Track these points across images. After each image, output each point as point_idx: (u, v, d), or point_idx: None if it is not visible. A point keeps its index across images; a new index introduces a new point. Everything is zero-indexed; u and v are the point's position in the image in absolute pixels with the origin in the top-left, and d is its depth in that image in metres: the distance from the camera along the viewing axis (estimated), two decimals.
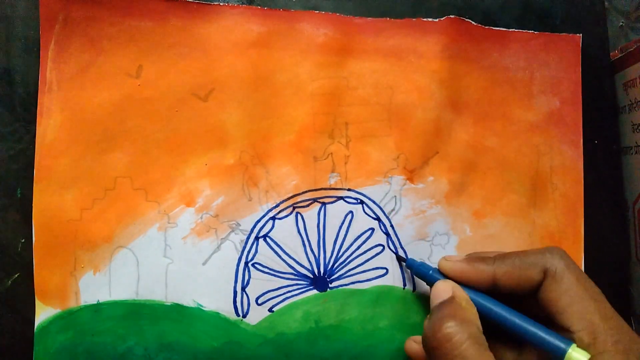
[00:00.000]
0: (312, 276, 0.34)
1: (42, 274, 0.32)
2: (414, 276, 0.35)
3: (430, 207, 0.36)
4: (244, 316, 0.34)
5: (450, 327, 0.25)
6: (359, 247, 0.35)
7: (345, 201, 0.35)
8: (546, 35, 0.37)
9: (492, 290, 0.29)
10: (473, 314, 0.27)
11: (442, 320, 0.26)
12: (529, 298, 0.28)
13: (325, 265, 0.35)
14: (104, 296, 0.33)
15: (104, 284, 0.33)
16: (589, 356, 0.24)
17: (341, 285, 0.35)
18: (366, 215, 0.35)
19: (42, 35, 0.33)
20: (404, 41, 0.36)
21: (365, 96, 0.35)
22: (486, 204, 0.36)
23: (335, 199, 0.35)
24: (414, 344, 0.32)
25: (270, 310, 0.34)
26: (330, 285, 0.35)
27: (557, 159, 0.37)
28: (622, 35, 0.43)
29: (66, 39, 0.33)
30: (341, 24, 0.35)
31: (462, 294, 0.28)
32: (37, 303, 0.32)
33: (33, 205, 0.32)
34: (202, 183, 0.34)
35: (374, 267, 0.35)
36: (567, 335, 0.25)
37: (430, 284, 0.30)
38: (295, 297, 0.34)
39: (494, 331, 0.28)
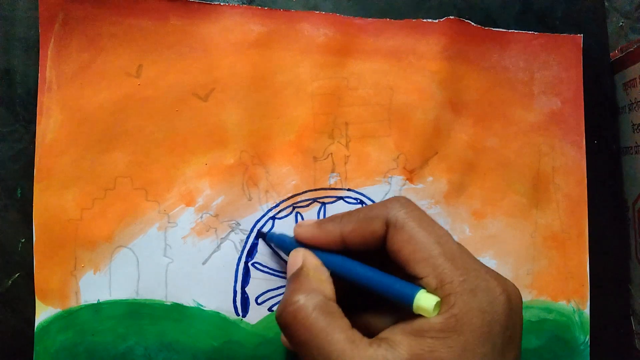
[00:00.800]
0: None
1: (43, 273, 0.32)
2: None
3: (430, 208, 0.36)
4: (244, 316, 0.34)
5: (297, 301, 0.25)
6: None
7: (345, 201, 0.35)
8: (547, 36, 0.37)
9: (345, 249, 0.28)
10: (321, 282, 0.26)
11: (289, 296, 0.25)
12: (381, 254, 0.27)
13: None
14: (104, 296, 0.33)
15: (104, 283, 0.33)
16: (436, 299, 0.23)
17: None
18: None
19: (41, 34, 0.33)
20: (404, 42, 0.36)
21: (365, 96, 0.35)
22: (486, 205, 0.36)
23: (335, 199, 0.35)
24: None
25: (270, 309, 0.34)
26: None
27: (560, 160, 0.37)
28: (622, 35, 0.43)
29: (66, 39, 0.33)
30: (341, 25, 0.35)
31: (312, 261, 0.28)
32: (37, 303, 0.32)
33: (33, 205, 0.32)
34: (202, 183, 0.34)
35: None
36: (417, 282, 0.25)
37: (287, 253, 0.30)
38: None
39: (370, 299, 0.28)
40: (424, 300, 0.23)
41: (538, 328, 0.37)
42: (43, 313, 0.32)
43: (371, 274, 0.26)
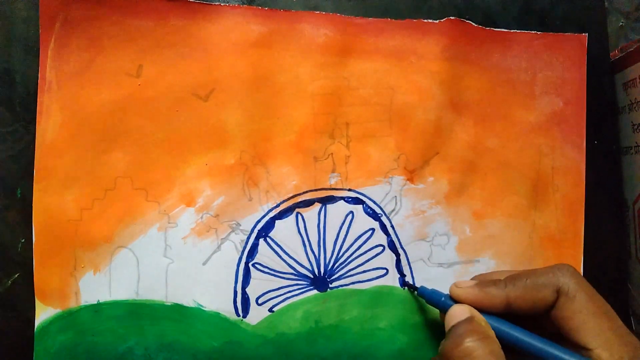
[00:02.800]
0: (312, 276, 0.35)
1: (42, 274, 0.32)
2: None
3: (430, 208, 0.36)
4: (244, 316, 0.34)
5: (471, 342, 0.25)
6: (359, 247, 0.35)
7: (346, 201, 0.35)
8: (550, 36, 0.37)
9: (506, 312, 0.29)
10: (492, 333, 0.27)
11: (462, 337, 0.26)
12: (541, 317, 0.28)
13: (326, 266, 0.35)
14: (104, 296, 0.33)
15: (104, 284, 0.33)
16: None
17: (341, 286, 0.35)
18: (366, 216, 0.35)
19: (41, 34, 0.33)
20: (405, 42, 0.36)
21: (365, 96, 0.35)
22: (486, 205, 0.36)
23: (335, 199, 0.35)
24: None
25: (270, 310, 0.34)
26: (330, 286, 0.35)
27: (559, 160, 0.37)
28: (622, 35, 0.43)
29: (66, 39, 0.33)
30: (342, 25, 0.35)
31: (479, 315, 0.28)
32: (37, 303, 0.32)
33: (33, 205, 0.32)
34: (202, 183, 0.34)
35: (374, 267, 0.35)
36: (584, 353, 0.26)
37: (444, 310, 0.30)
38: (295, 297, 0.34)
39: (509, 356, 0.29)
40: None
41: None
42: (43, 313, 0.32)
43: (539, 342, 0.27)
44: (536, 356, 0.27)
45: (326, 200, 0.35)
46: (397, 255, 0.35)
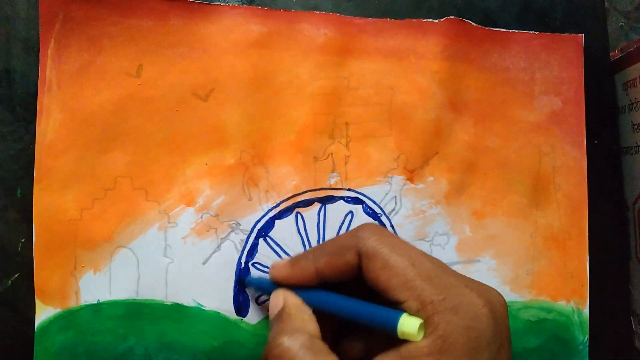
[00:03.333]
0: None
1: (42, 273, 0.32)
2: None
3: (430, 208, 0.36)
4: (244, 316, 0.34)
5: (281, 344, 0.25)
6: None
7: (346, 201, 0.35)
8: (548, 36, 0.37)
9: (322, 283, 0.28)
10: (304, 321, 0.27)
11: (274, 338, 0.25)
12: (358, 283, 0.27)
13: None
14: (104, 296, 0.33)
15: (104, 283, 0.33)
16: (420, 321, 0.23)
17: None
18: (366, 216, 0.35)
19: (41, 34, 0.33)
20: (405, 42, 0.36)
21: (365, 96, 0.35)
22: (486, 205, 0.36)
23: (335, 199, 0.35)
24: None
25: None
26: None
27: (560, 160, 0.37)
28: (622, 35, 0.43)
29: (66, 39, 0.33)
30: (342, 24, 0.35)
31: (292, 301, 0.28)
32: (37, 303, 0.32)
33: (33, 205, 0.32)
34: (202, 183, 0.34)
35: None
36: (398, 307, 0.25)
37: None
38: None
39: (345, 328, 0.28)
40: (407, 325, 0.23)
41: (537, 328, 0.37)
42: (43, 313, 0.32)
43: (352, 305, 0.26)
44: (354, 319, 0.26)
45: (326, 200, 0.35)
46: None
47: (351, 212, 0.35)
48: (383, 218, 0.35)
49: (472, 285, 0.25)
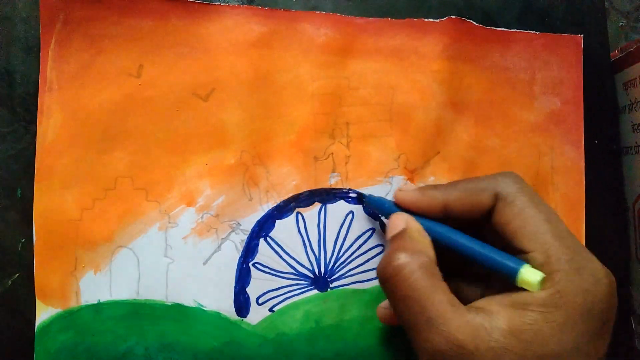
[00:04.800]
0: (312, 276, 0.35)
1: (43, 274, 0.32)
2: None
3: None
4: (245, 316, 0.34)
5: (400, 259, 0.25)
6: (359, 247, 0.35)
7: (346, 201, 0.35)
8: (548, 36, 0.37)
9: (446, 218, 0.28)
10: (425, 245, 0.27)
11: (393, 253, 0.25)
12: (484, 225, 0.28)
13: (326, 265, 0.35)
14: (104, 296, 0.33)
15: (104, 283, 0.33)
16: (542, 275, 0.24)
17: (342, 285, 0.35)
18: (367, 216, 0.35)
19: (42, 34, 0.33)
20: (405, 41, 0.36)
21: (366, 96, 0.35)
22: None
23: (336, 199, 0.35)
24: (382, 309, 0.32)
25: (270, 310, 0.34)
26: (330, 285, 0.35)
27: (559, 160, 0.37)
28: (622, 35, 0.43)
29: (67, 39, 0.33)
30: (342, 24, 0.35)
31: (414, 225, 0.28)
32: (38, 303, 0.32)
33: (34, 205, 0.32)
34: (202, 183, 0.34)
35: (375, 267, 0.35)
36: (522, 257, 0.25)
37: (387, 216, 0.30)
38: (295, 297, 0.34)
39: (456, 268, 0.28)
40: (530, 275, 0.24)
41: None
42: (43, 313, 0.32)
43: (475, 244, 0.26)
44: (472, 259, 0.26)
45: (326, 200, 0.35)
46: None
47: (352, 212, 0.35)
48: (383, 218, 0.35)
49: (595, 258, 0.25)
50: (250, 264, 0.34)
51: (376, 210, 0.33)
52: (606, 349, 0.24)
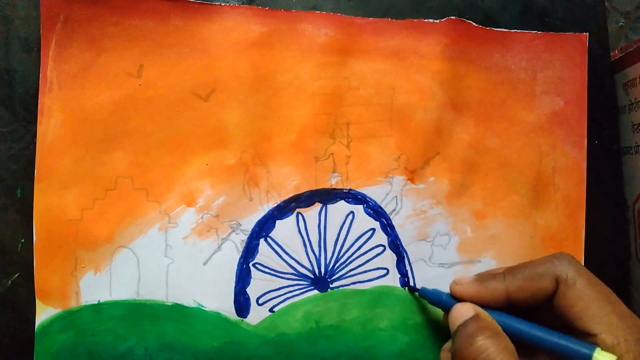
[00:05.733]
0: (312, 276, 0.35)
1: (43, 274, 0.32)
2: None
3: (431, 208, 0.36)
4: (245, 316, 0.34)
5: (482, 340, 0.25)
6: (359, 248, 0.35)
7: (346, 201, 0.35)
8: (550, 35, 0.37)
9: (506, 306, 0.29)
10: (500, 328, 0.27)
11: (473, 335, 0.25)
12: (542, 308, 0.28)
13: (326, 266, 0.35)
14: (104, 296, 0.33)
15: (104, 283, 0.33)
16: (615, 357, 0.24)
17: (342, 286, 0.35)
18: (367, 216, 0.35)
19: (42, 34, 0.33)
20: (405, 42, 0.36)
21: (366, 96, 0.35)
22: (487, 205, 0.36)
23: (336, 199, 0.35)
24: (446, 352, 0.31)
25: (271, 310, 0.34)
26: (331, 286, 0.35)
27: (560, 160, 0.37)
28: (622, 35, 0.43)
29: (67, 39, 0.33)
30: (342, 24, 0.35)
31: (484, 312, 0.28)
32: (38, 303, 0.32)
33: (34, 205, 0.32)
34: (203, 183, 0.34)
35: (375, 267, 0.35)
36: (589, 339, 0.25)
37: (446, 309, 0.30)
38: (296, 297, 0.34)
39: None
40: (604, 357, 0.24)
41: None
42: (43, 313, 0.32)
43: (542, 332, 0.27)
44: (542, 347, 0.27)
45: (327, 200, 0.35)
46: (398, 255, 0.35)
47: (352, 212, 0.35)
48: (384, 218, 0.35)
49: None
50: (250, 264, 0.34)
51: (432, 303, 0.32)
52: None
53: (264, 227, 0.34)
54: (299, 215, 0.34)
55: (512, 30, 0.37)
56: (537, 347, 0.27)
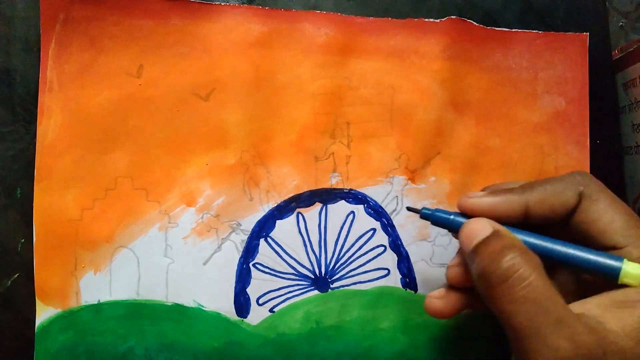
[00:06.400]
0: (313, 276, 0.34)
1: (43, 274, 0.32)
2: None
3: (432, 208, 0.35)
4: (245, 316, 0.34)
5: (513, 259, 0.23)
6: (360, 248, 0.35)
7: (347, 201, 0.35)
8: (551, 35, 0.37)
9: (524, 222, 0.26)
10: (525, 246, 0.24)
11: (500, 254, 0.23)
12: (559, 225, 0.26)
13: (327, 266, 0.35)
14: (104, 296, 0.33)
15: (104, 284, 0.33)
16: None
17: (342, 286, 0.35)
18: (367, 216, 0.35)
19: (42, 34, 0.33)
20: (406, 41, 0.36)
21: (366, 96, 0.35)
22: None
23: (336, 199, 0.35)
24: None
25: (271, 310, 0.34)
26: (331, 286, 0.35)
27: (563, 160, 0.37)
28: (622, 35, 0.43)
29: (67, 39, 0.33)
30: (342, 24, 0.35)
31: (505, 228, 0.25)
32: (38, 303, 0.32)
33: (34, 205, 0.32)
34: (203, 183, 0.34)
35: (376, 267, 0.35)
36: (615, 253, 0.24)
37: (455, 228, 0.27)
38: (296, 297, 0.34)
39: None
40: (634, 269, 0.23)
41: None
42: (43, 313, 0.32)
43: (567, 247, 0.25)
44: (567, 262, 0.25)
45: (327, 200, 0.35)
46: (399, 255, 0.35)
47: (352, 212, 0.35)
48: (384, 218, 0.35)
49: None
50: (250, 264, 0.34)
51: (436, 224, 0.28)
52: None
53: (264, 227, 0.34)
54: (299, 215, 0.34)
55: (513, 30, 0.37)
56: (561, 263, 0.25)
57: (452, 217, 0.27)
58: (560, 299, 0.22)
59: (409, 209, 0.30)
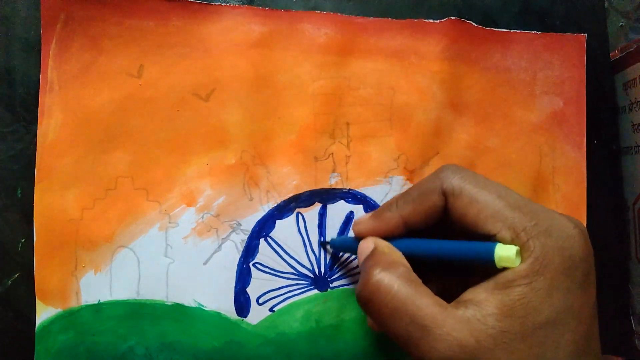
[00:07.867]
0: (312, 276, 0.35)
1: (43, 273, 0.32)
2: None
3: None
4: (245, 316, 0.34)
5: (377, 274, 0.24)
6: None
7: (346, 201, 0.35)
8: (550, 36, 0.37)
9: (410, 231, 0.28)
10: (398, 256, 0.26)
11: (369, 273, 0.25)
12: (446, 226, 0.27)
13: (326, 265, 0.35)
14: (104, 296, 0.33)
15: (104, 283, 0.33)
16: (516, 247, 0.23)
17: (342, 285, 0.35)
18: None
19: (43, 34, 0.33)
20: (406, 42, 0.36)
21: (366, 96, 0.35)
22: None
23: (336, 199, 0.35)
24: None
25: (271, 310, 0.34)
26: (331, 285, 0.35)
27: (560, 160, 0.37)
28: (622, 35, 0.43)
29: (67, 39, 0.33)
30: (342, 24, 0.35)
31: (383, 243, 0.28)
32: (38, 303, 0.32)
33: (34, 205, 0.32)
34: (203, 183, 0.34)
35: None
36: (491, 240, 0.24)
37: (355, 252, 0.29)
38: (296, 297, 0.34)
39: (435, 272, 0.28)
40: (505, 251, 0.23)
41: None
42: (44, 313, 0.32)
43: (444, 245, 0.26)
44: (446, 258, 0.26)
45: (327, 200, 0.35)
46: None
47: (352, 212, 0.35)
48: None
49: (557, 212, 0.25)
50: (250, 264, 0.34)
51: (343, 250, 0.33)
52: (595, 299, 0.24)
53: (264, 227, 0.34)
54: (299, 215, 0.34)
55: (512, 31, 0.37)
56: (443, 260, 0.26)
57: (351, 242, 0.30)
58: (429, 301, 0.23)
59: (321, 244, 0.35)
